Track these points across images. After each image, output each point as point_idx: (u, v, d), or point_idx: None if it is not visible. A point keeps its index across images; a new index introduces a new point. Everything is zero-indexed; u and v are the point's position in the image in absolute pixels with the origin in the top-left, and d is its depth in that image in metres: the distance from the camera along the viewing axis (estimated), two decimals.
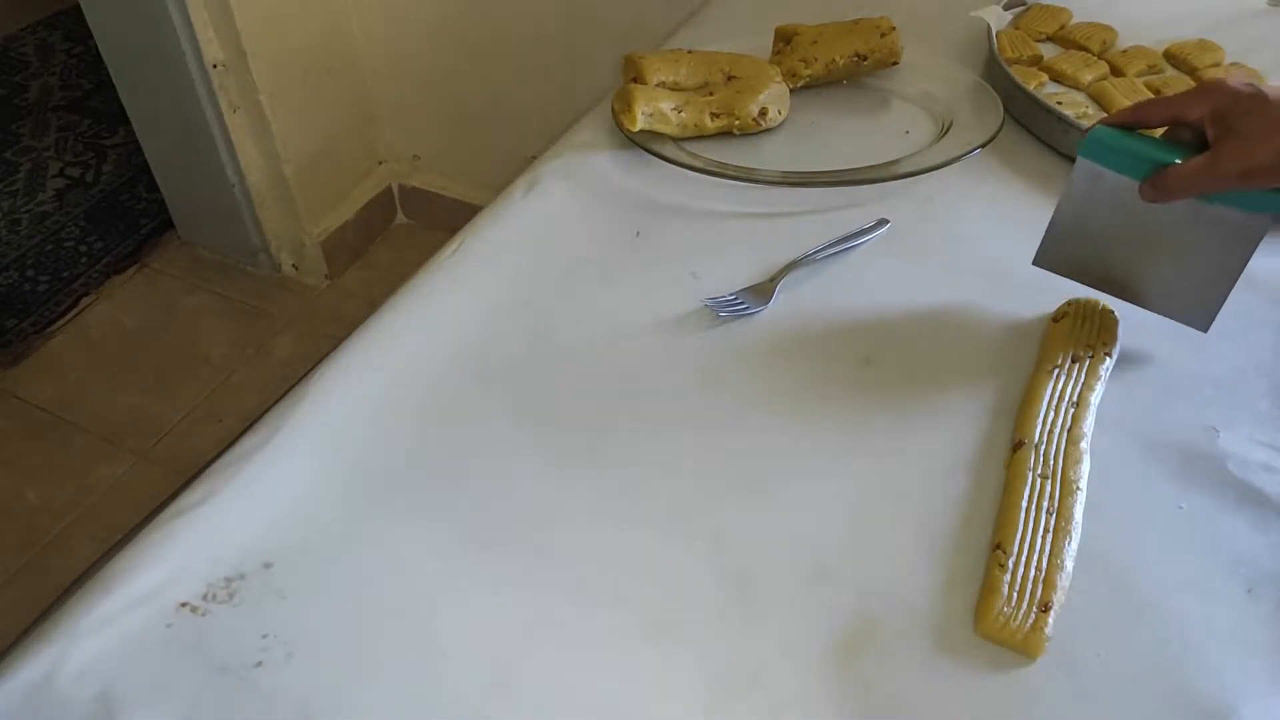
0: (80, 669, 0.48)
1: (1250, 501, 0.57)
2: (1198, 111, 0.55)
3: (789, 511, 0.57)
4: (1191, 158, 0.56)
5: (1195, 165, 0.55)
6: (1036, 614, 0.50)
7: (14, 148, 2.13)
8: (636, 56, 0.87)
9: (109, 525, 1.44)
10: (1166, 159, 0.57)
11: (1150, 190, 0.58)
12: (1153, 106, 0.58)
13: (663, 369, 0.66)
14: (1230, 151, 0.54)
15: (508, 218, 0.78)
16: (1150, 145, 0.58)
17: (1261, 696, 0.48)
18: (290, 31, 1.58)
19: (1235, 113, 0.54)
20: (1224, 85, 0.55)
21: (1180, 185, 0.56)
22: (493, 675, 0.49)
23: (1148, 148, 0.58)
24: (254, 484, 0.57)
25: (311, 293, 1.83)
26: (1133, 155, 0.58)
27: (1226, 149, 0.54)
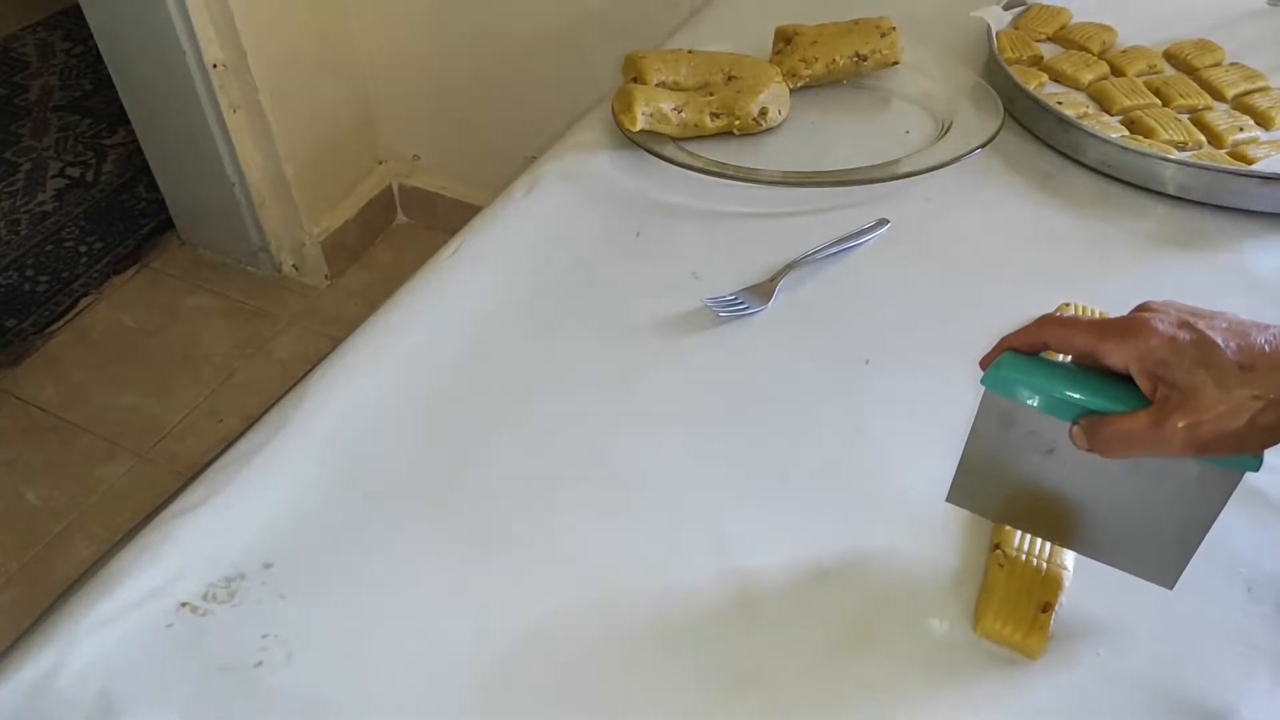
0: (80, 669, 0.48)
1: (1250, 501, 0.57)
2: (1119, 359, 0.44)
3: (789, 511, 0.57)
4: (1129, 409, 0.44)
5: (1136, 426, 0.43)
6: (1036, 614, 0.50)
7: (14, 148, 2.13)
8: (636, 56, 0.87)
9: (109, 525, 1.44)
10: (1094, 406, 0.45)
11: (1082, 439, 0.45)
12: (1064, 332, 0.46)
13: (663, 369, 0.66)
14: (1180, 417, 0.42)
15: (508, 218, 0.78)
16: (1071, 383, 0.45)
17: (1261, 696, 0.48)
18: (290, 31, 1.58)
19: (1177, 368, 0.42)
20: (1152, 329, 0.43)
21: (1120, 447, 0.44)
22: (493, 675, 0.49)
23: (1068, 387, 0.45)
24: (254, 484, 0.57)
25: (311, 293, 1.83)
26: (1054, 396, 0.46)
27: (1175, 414, 0.42)
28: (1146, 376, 0.43)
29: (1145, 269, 0.73)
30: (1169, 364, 0.42)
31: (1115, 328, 0.44)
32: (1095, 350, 0.45)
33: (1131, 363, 0.43)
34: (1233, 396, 0.41)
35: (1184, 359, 0.42)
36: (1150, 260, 0.74)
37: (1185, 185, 0.78)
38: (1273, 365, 0.41)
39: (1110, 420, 0.44)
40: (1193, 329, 0.43)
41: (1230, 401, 0.41)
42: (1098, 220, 0.78)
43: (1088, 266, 0.74)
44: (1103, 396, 0.45)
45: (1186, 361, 0.42)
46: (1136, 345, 0.43)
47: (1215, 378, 0.41)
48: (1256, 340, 0.42)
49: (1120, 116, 0.87)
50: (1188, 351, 0.42)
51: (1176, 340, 0.42)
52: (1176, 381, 0.42)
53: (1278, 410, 0.41)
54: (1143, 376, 0.43)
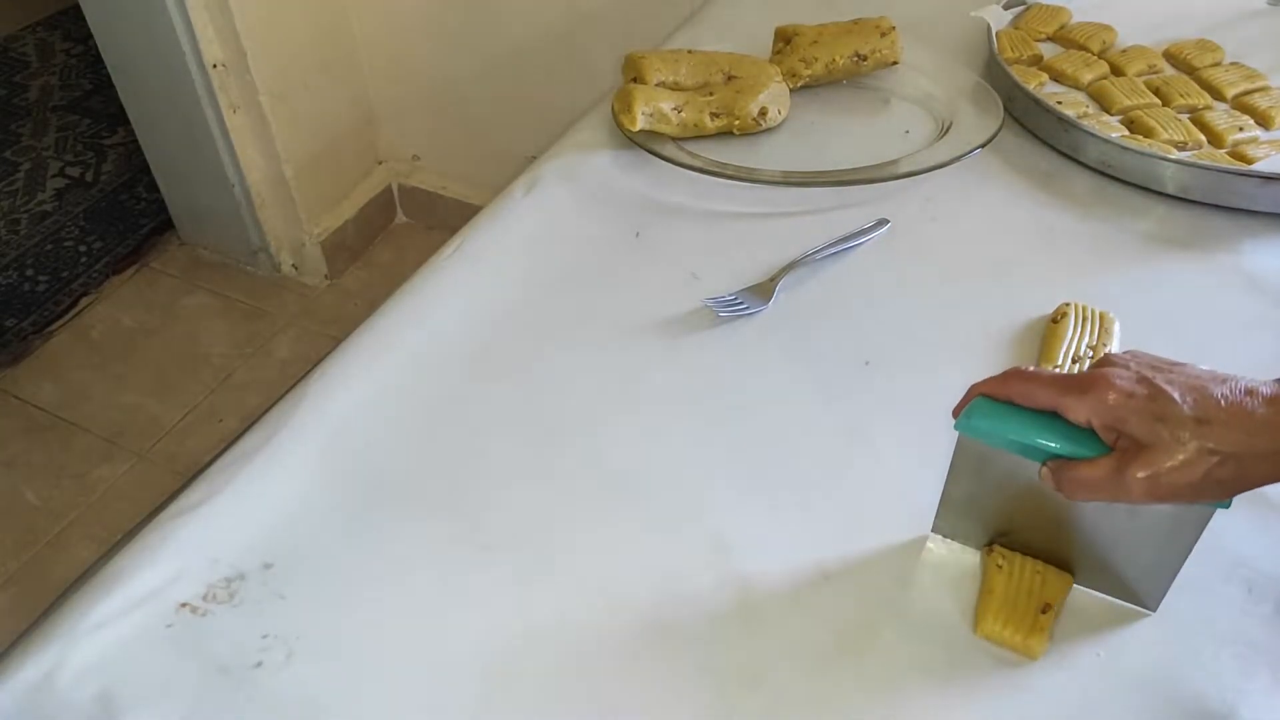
0: (80, 669, 0.48)
1: (1250, 501, 0.57)
2: (1080, 414, 0.45)
3: (789, 512, 0.57)
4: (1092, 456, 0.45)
5: (1099, 475, 0.45)
6: (1036, 615, 0.50)
7: (14, 148, 2.12)
8: (636, 56, 0.87)
9: (109, 525, 1.44)
10: (1060, 451, 0.46)
11: (1050, 481, 0.47)
12: (1028, 387, 0.47)
13: (663, 369, 0.66)
14: (1139, 468, 0.43)
15: (508, 218, 0.78)
16: (1038, 429, 0.47)
17: (1261, 696, 0.48)
18: (290, 31, 1.58)
19: (1135, 422, 0.43)
20: (1110, 384, 0.44)
21: (1084, 493, 0.46)
22: (492, 675, 0.49)
23: (1035, 434, 0.47)
24: (254, 484, 0.57)
25: (311, 293, 1.83)
26: (1022, 441, 0.47)
27: (1133, 463, 0.43)
28: (1106, 430, 0.45)
29: (1145, 269, 0.73)
30: (1126, 419, 0.44)
31: (1075, 384, 0.46)
32: (1056, 406, 0.46)
33: (1092, 418, 0.45)
34: (1188, 450, 0.42)
35: (1141, 414, 0.43)
36: (1150, 260, 0.74)
37: (1185, 185, 0.78)
38: (1227, 420, 0.42)
39: (1074, 466, 0.46)
40: (1150, 384, 0.44)
41: (1186, 455, 0.42)
42: (1098, 220, 0.78)
43: (1088, 266, 0.74)
44: (1069, 442, 0.46)
45: (1143, 417, 0.43)
46: (1095, 401, 0.45)
47: (1170, 432, 0.43)
48: (1214, 394, 0.43)
49: (1120, 116, 0.87)
50: (1145, 407, 0.43)
51: (1134, 396, 0.44)
52: (1135, 435, 0.44)
53: (1233, 464, 0.42)
54: (1103, 430, 0.45)
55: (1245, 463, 0.43)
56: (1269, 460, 0.43)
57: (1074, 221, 0.78)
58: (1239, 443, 0.42)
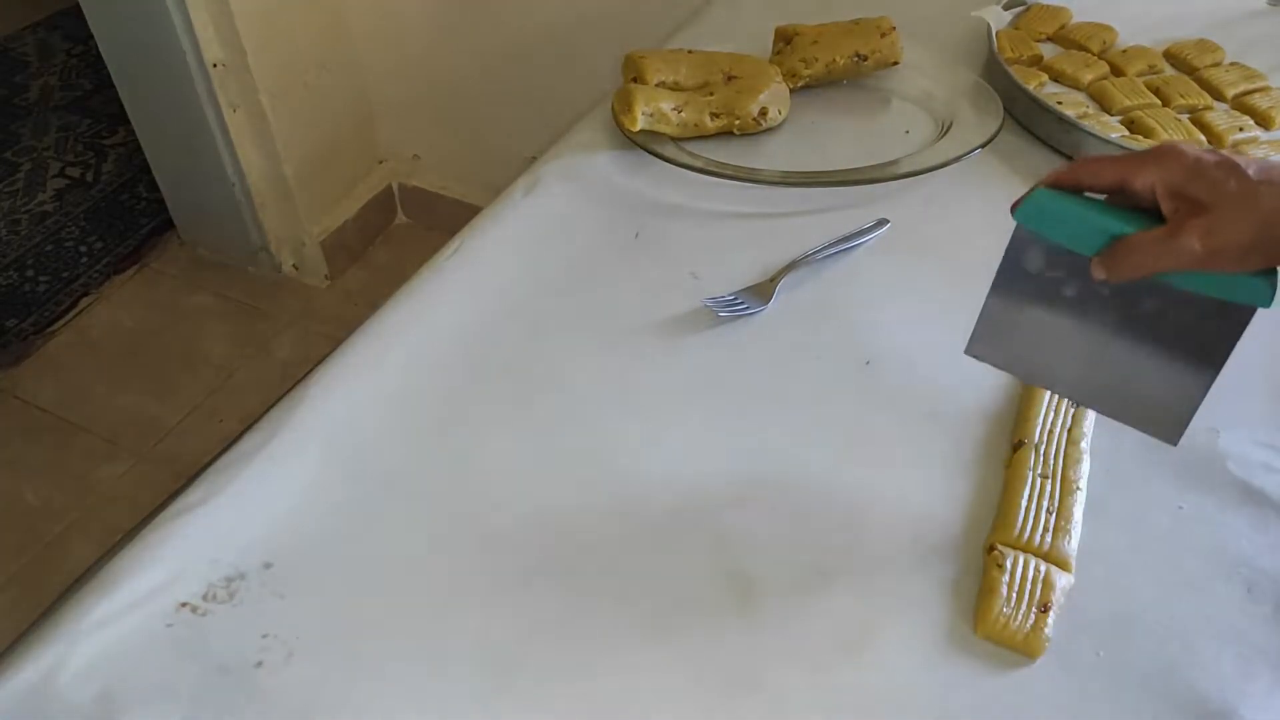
0: (80, 669, 0.48)
1: (1250, 501, 0.57)
2: (1147, 178, 0.46)
3: (789, 511, 0.57)
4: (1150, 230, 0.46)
5: (1152, 239, 0.46)
6: (1036, 614, 0.50)
7: (14, 148, 2.12)
8: (636, 56, 0.87)
9: (109, 525, 1.44)
10: (1121, 229, 0.47)
11: (1101, 267, 0.48)
12: (1096, 165, 0.48)
13: (663, 369, 0.66)
14: (1195, 227, 0.44)
15: (508, 218, 0.78)
16: (1101, 212, 0.48)
17: (1261, 696, 0.48)
18: (290, 31, 1.58)
19: (1198, 183, 0.45)
20: (1181, 151, 0.46)
21: (1136, 262, 0.47)
22: (493, 675, 0.49)
23: (1098, 215, 0.47)
24: (254, 484, 0.57)
25: (311, 293, 1.83)
26: (1080, 223, 0.48)
27: (1190, 224, 0.45)
28: (1170, 197, 0.46)
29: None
30: (1191, 182, 0.45)
31: (1144, 155, 0.47)
32: (1124, 177, 0.47)
33: (1159, 182, 0.46)
34: (1248, 204, 0.44)
35: (1207, 175, 0.45)
36: None
37: None
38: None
39: (1129, 237, 0.46)
40: (1216, 153, 0.46)
41: (1245, 210, 0.44)
42: None
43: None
44: (1127, 222, 0.47)
45: (1209, 177, 0.45)
46: (1164, 165, 0.46)
47: (1235, 190, 0.44)
48: (1275, 162, 0.45)
49: (1120, 116, 0.87)
50: (1211, 170, 0.45)
51: (1202, 160, 0.45)
52: (1199, 196, 0.45)
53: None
54: (1166, 197, 0.46)
55: None
56: None
57: None
58: None
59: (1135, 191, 0.47)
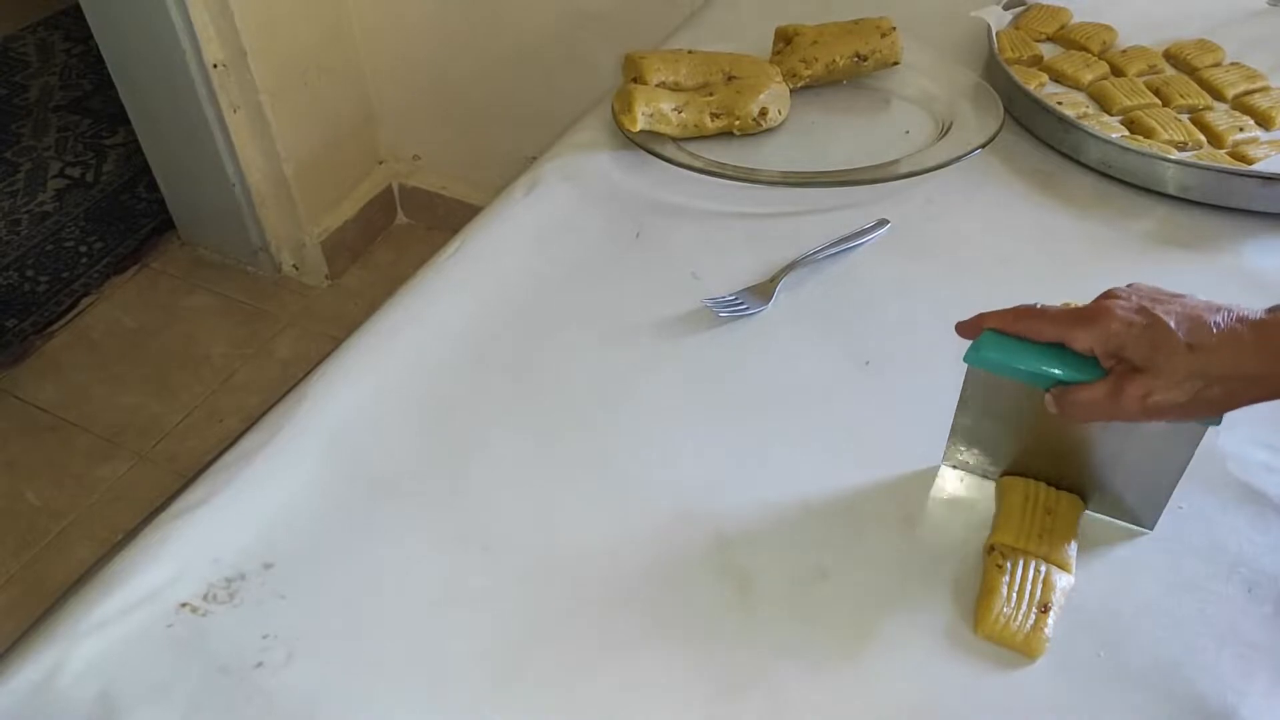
0: (80, 669, 0.48)
1: (1250, 501, 0.57)
2: (1084, 343, 0.49)
3: (789, 511, 0.57)
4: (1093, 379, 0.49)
5: (1098, 396, 0.49)
6: (1036, 615, 0.50)
7: (14, 148, 2.12)
8: (636, 56, 0.87)
9: (109, 525, 1.44)
10: (1064, 377, 0.50)
11: (1054, 406, 0.51)
12: (1035, 322, 0.51)
13: (663, 369, 0.66)
14: (1134, 389, 0.47)
15: (508, 218, 0.78)
16: (1043, 358, 0.50)
17: (1261, 696, 0.48)
18: (290, 31, 1.58)
19: (1133, 348, 0.47)
20: (1112, 314, 0.48)
21: (1083, 413, 0.50)
22: (493, 675, 0.49)
23: (1040, 362, 0.50)
24: (254, 484, 0.57)
25: (311, 293, 1.83)
26: (1025, 372, 0.51)
27: (1129, 384, 0.47)
28: (1107, 357, 0.49)
29: (1145, 269, 0.73)
30: (1125, 346, 0.48)
31: (1080, 317, 0.50)
32: (1063, 338, 0.50)
33: (1095, 346, 0.49)
34: (1179, 374, 0.46)
35: (1139, 341, 0.47)
36: (1150, 260, 0.74)
37: (1185, 185, 0.78)
38: (1217, 346, 0.46)
39: (1076, 389, 0.50)
40: (1148, 314, 0.48)
41: (1177, 378, 0.46)
42: (1098, 220, 0.78)
43: (1088, 267, 0.74)
44: (1071, 369, 0.50)
45: (1141, 344, 0.47)
46: (1098, 331, 0.48)
47: (1165, 358, 0.46)
48: (1208, 321, 0.47)
49: (1120, 116, 0.87)
50: (1142, 335, 0.47)
51: (1133, 325, 0.47)
52: (1132, 361, 0.48)
53: (1221, 386, 0.46)
54: (1104, 357, 0.49)
55: (1233, 384, 0.47)
56: (1256, 383, 0.46)
57: (1074, 222, 0.78)
58: (1227, 366, 0.46)
59: (1076, 350, 0.50)
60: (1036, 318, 0.51)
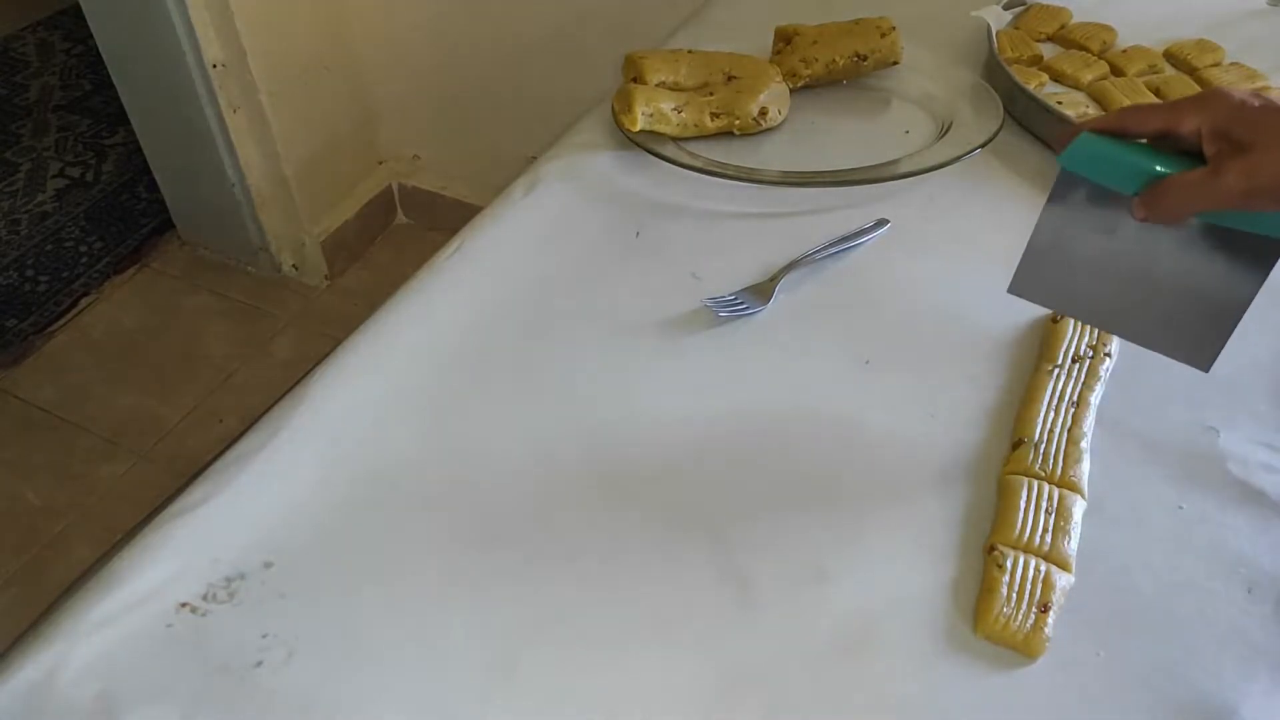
0: (80, 669, 0.48)
1: (1250, 501, 0.57)
2: (1193, 122, 0.48)
3: (789, 511, 0.57)
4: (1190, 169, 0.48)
5: (1194, 179, 0.48)
6: (1036, 614, 0.50)
7: (14, 148, 2.13)
8: (636, 56, 0.87)
9: (109, 525, 1.44)
10: (1163, 170, 0.49)
11: (1143, 207, 0.50)
12: (1142, 113, 0.50)
13: (663, 369, 0.66)
14: (1236, 167, 0.46)
15: (508, 218, 0.78)
16: (1143, 154, 0.50)
17: (1261, 696, 0.48)
18: (290, 31, 1.58)
19: (1242, 124, 0.47)
20: (1226, 95, 0.48)
21: (1177, 202, 0.49)
22: (493, 674, 0.49)
23: (1140, 157, 0.50)
24: (254, 484, 0.57)
25: (311, 293, 1.83)
26: (1123, 166, 0.50)
27: (1231, 164, 0.47)
28: (1214, 138, 0.48)
29: None
30: (1235, 124, 0.47)
31: (1189, 101, 0.49)
32: (1171, 121, 0.49)
33: (1204, 125, 0.48)
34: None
35: (1250, 116, 0.47)
36: None
37: None
38: None
39: (1171, 178, 0.49)
40: (1260, 96, 0.48)
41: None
42: None
43: None
44: (1168, 164, 0.49)
45: (1252, 119, 0.47)
46: (1209, 109, 0.48)
47: (1272, 136, 0.46)
48: None
49: None
50: (1254, 112, 0.47)
51: (1246, 103, 0.48)
52: (1242, 137, 0.47)
53: None
54: (1210, 139, 0.48)
55: None
56: None
57: None
58: None
59: (1180, 136, 0.49)
60: (1142, 109, 0.51)
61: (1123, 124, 0.51)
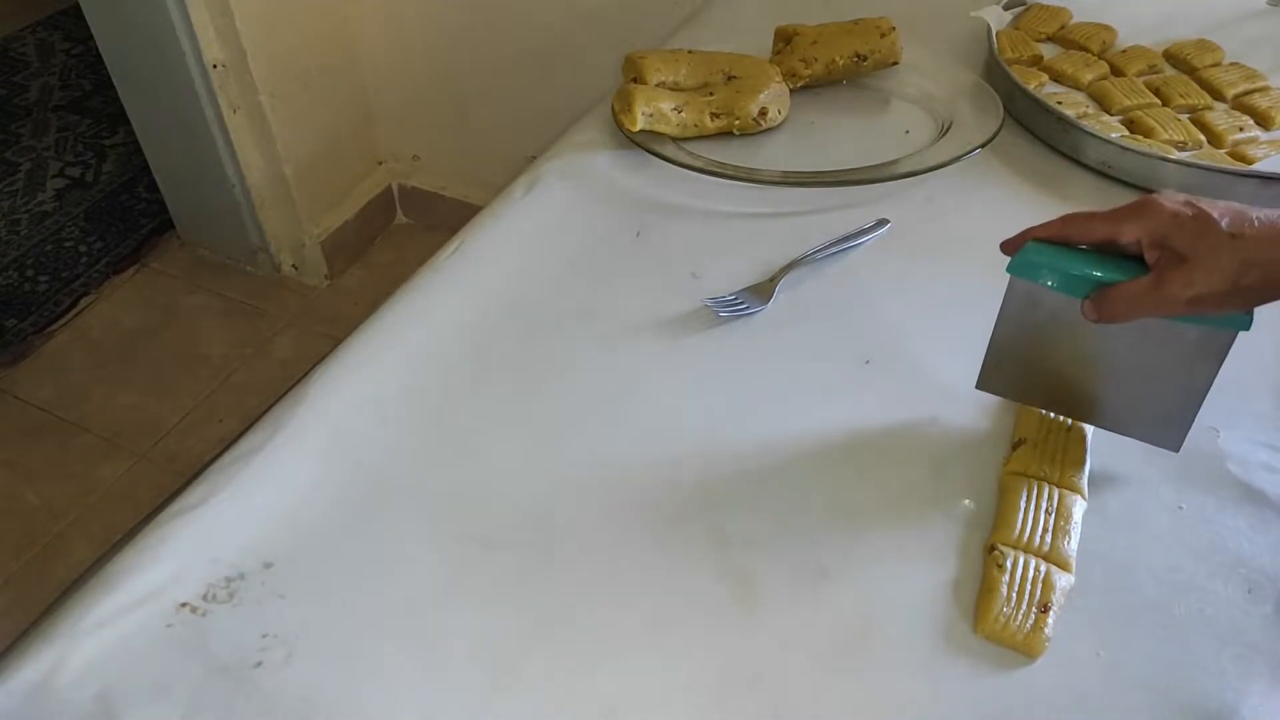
0: (80, 669, 0.48)
1: (1250, 501, 0.57)
2: (1132, 233, 0.50)
3: (789, 511, 0.57)
4: (1134, 278, 0.51)
5: (1139, 289, 0.50)
6: (1036, 614, 0.50)
7: (14, 148, 2.13)
8: (636, 56, 0.87)
9: (109, 525, 1.44)
10: (1107, 279, 0.51)
11: (1093, 310, 0.52)
12: (1084, 222, 0.52)
13: (663, 368, 0.66)
14: (1176, 278, 0.49)
15: (508, 218, 0.78)
16: (1088, 262, 0.52)
17: (1261, 696, 0.48)
18: (290, 31, 1.58)
19: (1178, 237, 0.49)
20: (1161, 207, 0.50)
21: (1124, 309, 0.51)
22: (493, 675, 0.49)
23: (1084, 266, 0.52)
24: (254, 484, 0.57)
25: (311, 293, 1.83)
26: (1068, 275, 0.52)
27: (1171, 275, 0.49)
28: (1153, 248, 0.50)
29: None
30: (1171, 235, 0.49)
31: (1129, 210, 0.51)
32: (1111, 233, 0.51)
33: (1143, 236, 0.50)
34: (1221, 261, 0.48)
35: (1184, 230, 0.49)
36: None
37: (1185, 185, 0.77)
38: (1258, 235, 0.48)
39: (1118, 286, 0.51)
40: (1194, 206, 0.50)
41: (1219, 265, 0.48)
42: None
43: None
44: (1113, 270, 0.51)
45: (1186, 232, 0.49)
46: (1147, 221, 0.50)
47: (1208, 246, 0.48)
48: (1250, 215, 0.49)
49: (1120, 116, 0.87)
50: (1188, 224, 0.49)
51: (1180, 215, 0.49)
52: (1178, 249, 0.49)
53: (1259, 272, 0.48)
54: (1150, 248, 0.50)
55: (1270, 270, 0.48)
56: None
57: None
58: (1266, 252, 0.48)
59: (1122, 245, 0.51)
60: (1085, 219, 0.53)
61: (1065, 234, 0.53)
